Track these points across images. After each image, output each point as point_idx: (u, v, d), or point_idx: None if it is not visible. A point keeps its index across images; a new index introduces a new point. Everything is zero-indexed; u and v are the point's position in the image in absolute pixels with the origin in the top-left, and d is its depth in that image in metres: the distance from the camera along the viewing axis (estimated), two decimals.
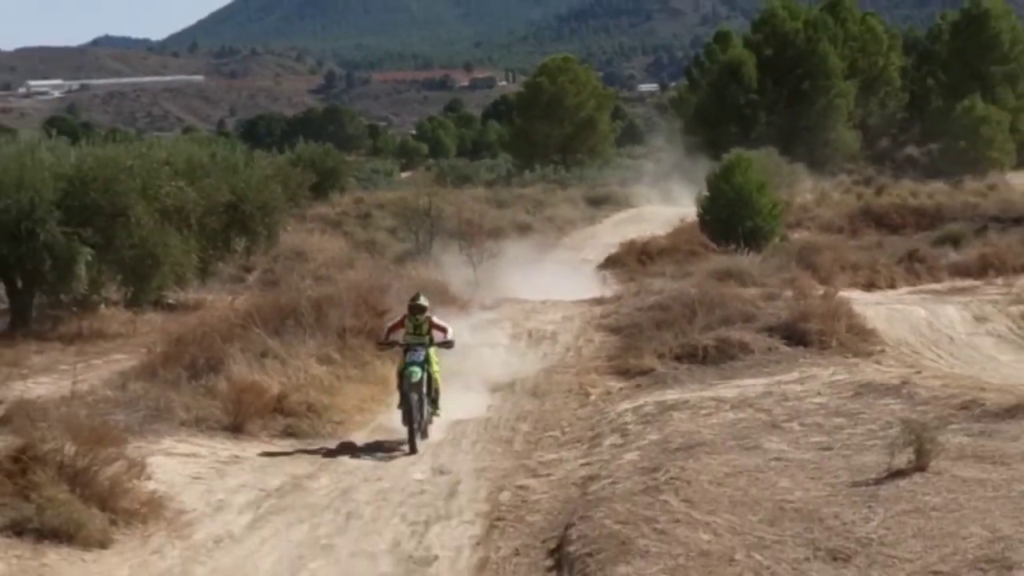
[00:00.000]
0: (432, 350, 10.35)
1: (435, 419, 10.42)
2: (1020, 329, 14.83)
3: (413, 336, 10.41)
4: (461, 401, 11.25)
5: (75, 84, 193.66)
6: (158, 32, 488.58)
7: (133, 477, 7.18)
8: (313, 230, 28.05)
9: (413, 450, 9.77)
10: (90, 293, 17.23)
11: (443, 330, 10.59)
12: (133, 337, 15.89)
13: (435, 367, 10.32)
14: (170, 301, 19.34)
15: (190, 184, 18.11)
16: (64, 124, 77.11)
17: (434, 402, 10.38)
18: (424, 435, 10.07)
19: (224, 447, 9.50)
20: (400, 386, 10.16)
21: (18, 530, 6.65)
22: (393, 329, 10.73)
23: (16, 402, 9.57)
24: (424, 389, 10.07)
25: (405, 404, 10.00)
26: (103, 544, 6.73)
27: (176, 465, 8.52)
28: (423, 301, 10.60)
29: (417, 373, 10.01)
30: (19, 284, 17.07)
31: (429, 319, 10.51)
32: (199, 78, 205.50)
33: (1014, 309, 15.69)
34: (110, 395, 10.49)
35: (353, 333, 12.53)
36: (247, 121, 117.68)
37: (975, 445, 7.80)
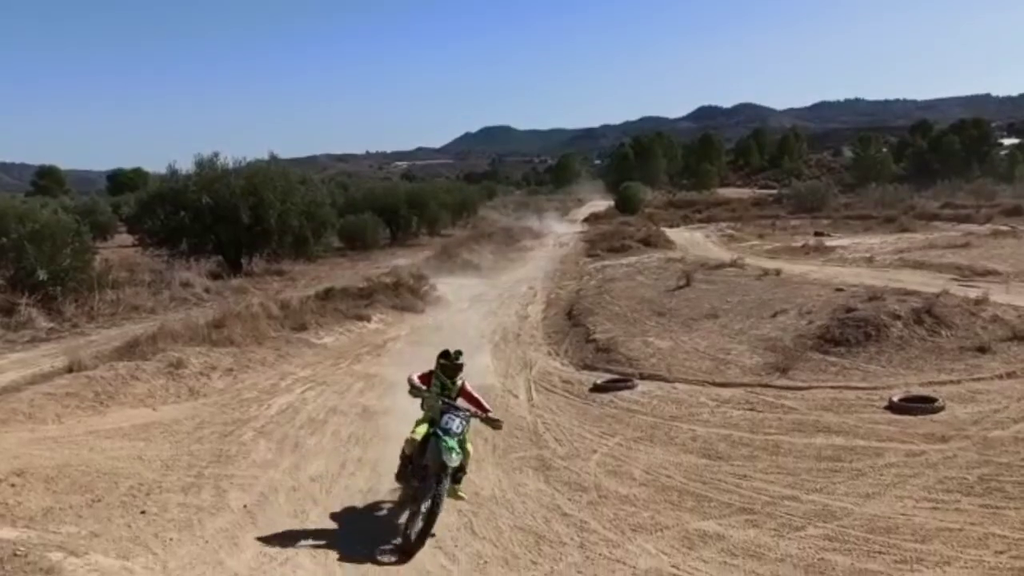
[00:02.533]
0: (472, 423, 8.52)
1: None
2: (721, 239, 31.54)
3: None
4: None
5: None
6: None
7: (432, 289, 20.27)
8: None
9: (407, 548, 7.77)
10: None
11: (478, 403, 8.74)
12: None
13: (469, 444, 8.60)
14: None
15: None
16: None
17: (459, 480, 8.50)
18: (426, 535, 7.90)
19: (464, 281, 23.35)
20: (411, 455, 8.39)
21: (394, 306, 19.61)
22: (422, 379, 8.71)
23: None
24: (451, 472, 8.15)
25: (417, 483, 8.22)
26: (423, 311, 19.87)
27: (446, 287, 22.01)
28: (462, 360, 8.70)
29: (455, 453, 8.11)
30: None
31: (463, 386, 8.76)
32: None
33: (718, 232, 33.59)
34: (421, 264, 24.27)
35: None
36: None
37: (706, 278, 21.88)
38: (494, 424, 8.83)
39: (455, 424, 8.21)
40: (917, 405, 11.55)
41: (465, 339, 17.80)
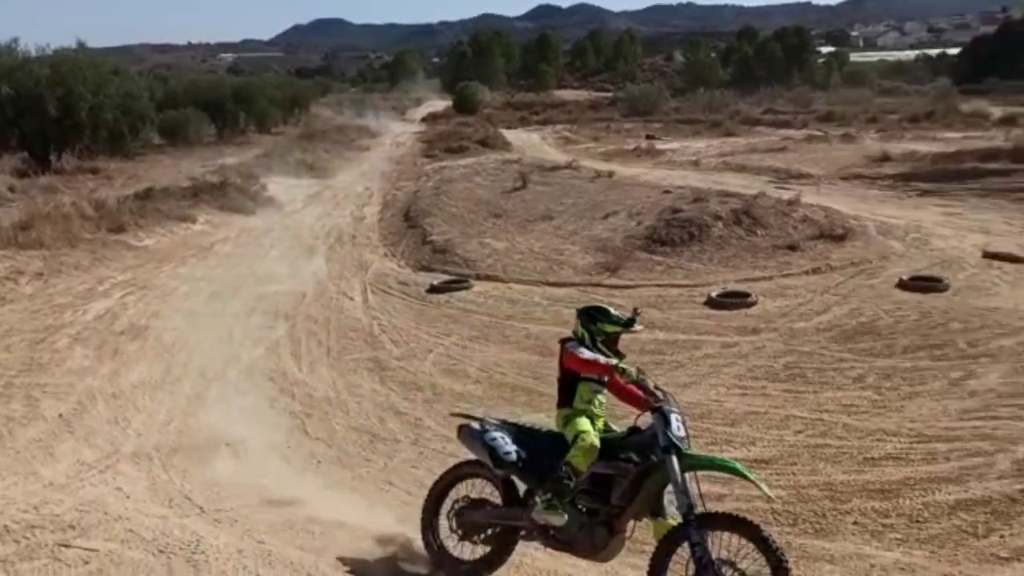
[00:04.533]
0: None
1: None
2: (557, 141, 32.28)
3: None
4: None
5: None
6: None
7: (262, 189, 19.45)
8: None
9: None
10: None
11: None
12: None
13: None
14: None
15: None
16: None
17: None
18: None
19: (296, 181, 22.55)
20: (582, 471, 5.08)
21: (222, 207, 18.78)
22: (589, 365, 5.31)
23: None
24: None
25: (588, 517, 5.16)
26: (254, 212, 19.15)
27: (278, 187, 21.27)
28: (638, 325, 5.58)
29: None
30: None
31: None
32: None
33: (555, 134, 34.68)
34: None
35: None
36: None
37: (542, 180, 22.12)
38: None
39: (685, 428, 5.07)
40: (733, 300, 12.28)
41: (298, 241, 17.45)
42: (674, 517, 4.94)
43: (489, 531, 5.52)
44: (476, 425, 5.60)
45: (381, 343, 11.38)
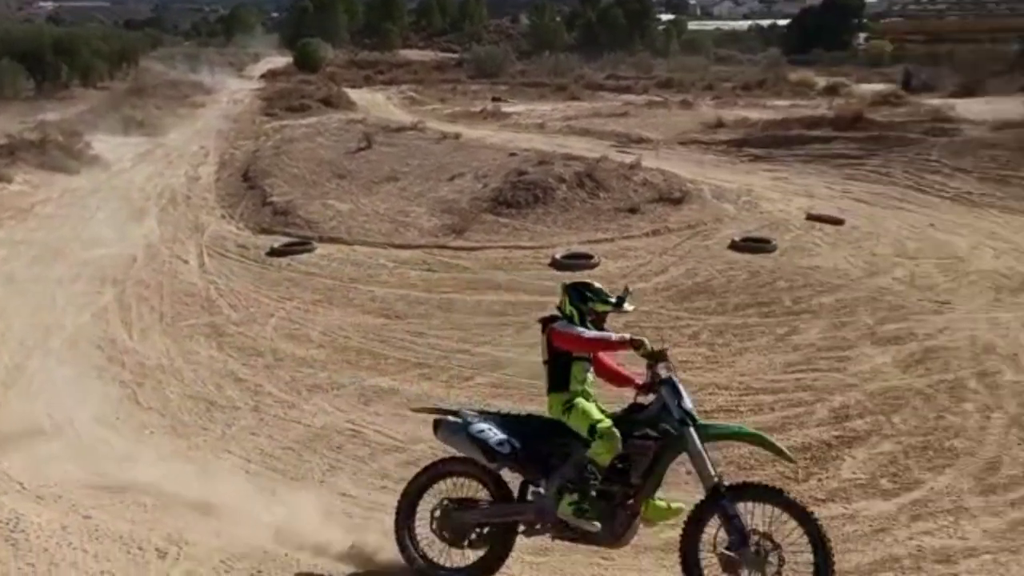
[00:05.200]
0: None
1: None
2: (403, 101, 32.20)
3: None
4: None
5: None
6: None
7: (88, 148, 18.17)
8: None
9: None
10: None
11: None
12: None
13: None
14: None
15: None
16: None
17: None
18: None
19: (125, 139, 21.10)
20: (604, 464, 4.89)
21: (42, 165, 17.50)
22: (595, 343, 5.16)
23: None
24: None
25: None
26: (78, 172, 17.90)
27: (104, 145, 19.83)
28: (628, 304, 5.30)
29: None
30: None
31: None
32: None
33: (400, 94, 34.56)
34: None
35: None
36: None
37: (387, 141, 21.76)
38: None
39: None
40: (577, 261, 12.52)
41: (128, 202, 16.53)
42: (662, 499, 4.94)
43: (482, 531, 5.16)
44: (454, 419, 5.23)
45: (219, 308, 10.95)
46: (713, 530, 4.73)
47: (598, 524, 4.84)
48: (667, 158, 19.59)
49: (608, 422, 4.90)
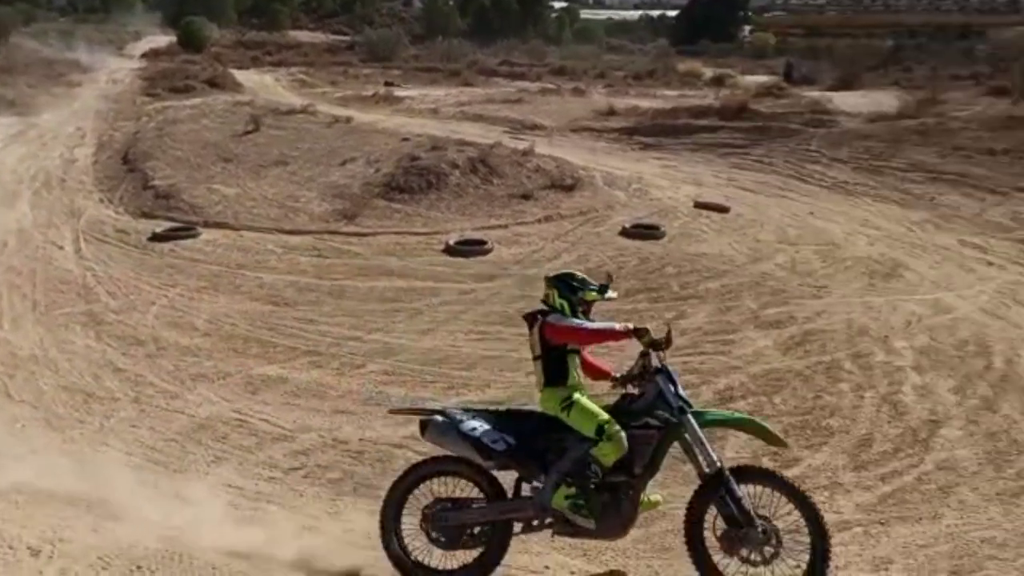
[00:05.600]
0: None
1: None
2: (292, 84, 31.38)
3: None
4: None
5: None
6: None
7: None
8: None
9: None
10: None
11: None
12: None
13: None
14: None
15: None
16: None
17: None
18: None
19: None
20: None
21: None
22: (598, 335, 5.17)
23: None
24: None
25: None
26: None
27: None
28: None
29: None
30: None
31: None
32: None
33: (289, 76, 34.08)
34: None
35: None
36: None
37: (276, 124, 21.22)
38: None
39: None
40: (470, 248, 12.51)
41: None
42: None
43: (477, 531, 5.00)
44: (442, 418, 5.06)
45: (96, 295, 10.50)
46: (712, 513, 4.79)
47: (593, 521, 4.83)
48: (560, 145, 19.78)
49: (614, 422, 4.85)
